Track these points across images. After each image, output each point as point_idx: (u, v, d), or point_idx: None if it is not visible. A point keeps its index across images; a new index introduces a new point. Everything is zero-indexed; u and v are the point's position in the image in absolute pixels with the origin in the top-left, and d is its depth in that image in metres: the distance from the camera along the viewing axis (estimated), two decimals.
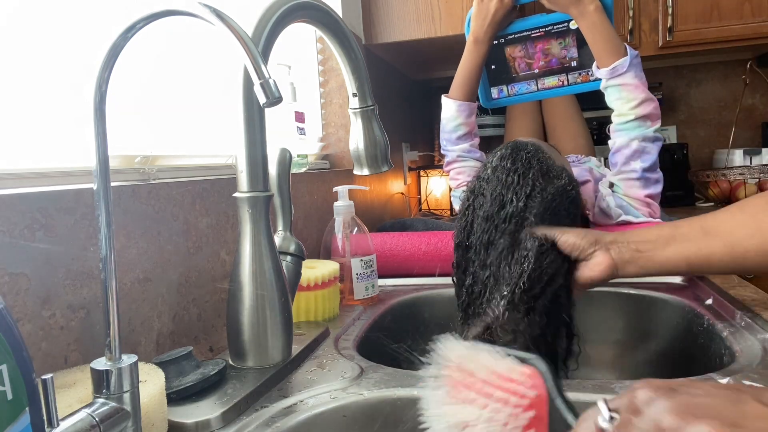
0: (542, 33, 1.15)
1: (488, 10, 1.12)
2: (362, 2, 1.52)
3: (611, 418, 0.33)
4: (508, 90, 1.24)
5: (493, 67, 1.21)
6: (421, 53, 1.73)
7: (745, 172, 1.75)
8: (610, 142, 1.07)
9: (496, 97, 1.25)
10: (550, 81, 1.20)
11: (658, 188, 1.04)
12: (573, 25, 1.12)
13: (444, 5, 1.48)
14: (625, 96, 1.02)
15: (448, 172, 1.25)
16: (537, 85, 1.21)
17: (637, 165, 1.02)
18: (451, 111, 1.18)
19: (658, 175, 1.04)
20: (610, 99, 1.05)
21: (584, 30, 1.05)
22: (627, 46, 1.03)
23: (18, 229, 0.50)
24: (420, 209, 2.06)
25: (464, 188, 1.14)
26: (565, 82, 1.19)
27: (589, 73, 1.15)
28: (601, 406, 0.34)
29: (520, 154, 0.74)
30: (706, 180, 1.84)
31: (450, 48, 1.66)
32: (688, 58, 2.03)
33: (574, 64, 1.17)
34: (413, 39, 1.51)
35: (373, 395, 0.58)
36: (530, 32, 1.16)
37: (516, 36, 1.17)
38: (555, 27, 1.14)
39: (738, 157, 1.92)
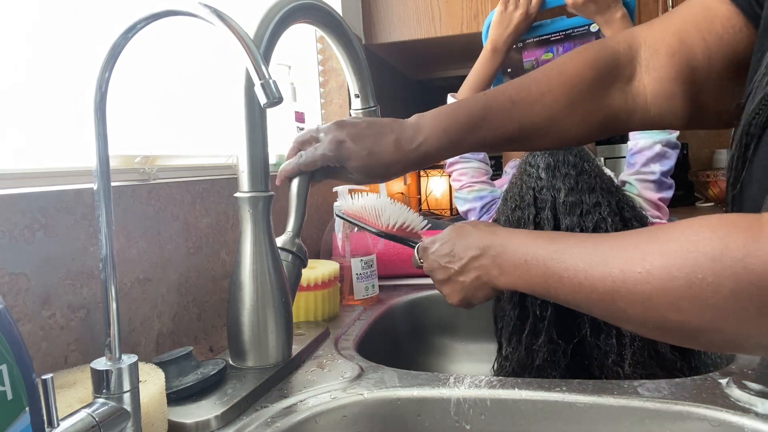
0: (562, 36, 1.14)
1: (511, 20, 1.10)
2: (362, 2, 1.52)
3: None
4: None
5: (509, 70, 1.19)
6: (421, 53, 1.73)
7: None
8: (630, 143, 1.07)
9: None
10: None
11: (670, 193, 1.06)
12: (594, 28, 1.11)
13: (444, 5, 1.48)
14: None
15: (450, 173, 1.24)
16: None
17: (656, 168, 1.03)
18: None
19: (671, 181, 1.06)
20: None
21: None
22: None
23: (18, 229, 0.50)
24: (420, 209, 2.06)
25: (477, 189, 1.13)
26: None
27: None
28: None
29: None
30: (706, 180, 1.84)
31: (450, 48, 1.66)
32: None
33: None
34: (413, 39, 1.51)
35: (373, 395, 0.58)
36: (550, 36, 1.15)
37: (535, 40, 1.15)
38: (576, 30, 1.13)
39: None
